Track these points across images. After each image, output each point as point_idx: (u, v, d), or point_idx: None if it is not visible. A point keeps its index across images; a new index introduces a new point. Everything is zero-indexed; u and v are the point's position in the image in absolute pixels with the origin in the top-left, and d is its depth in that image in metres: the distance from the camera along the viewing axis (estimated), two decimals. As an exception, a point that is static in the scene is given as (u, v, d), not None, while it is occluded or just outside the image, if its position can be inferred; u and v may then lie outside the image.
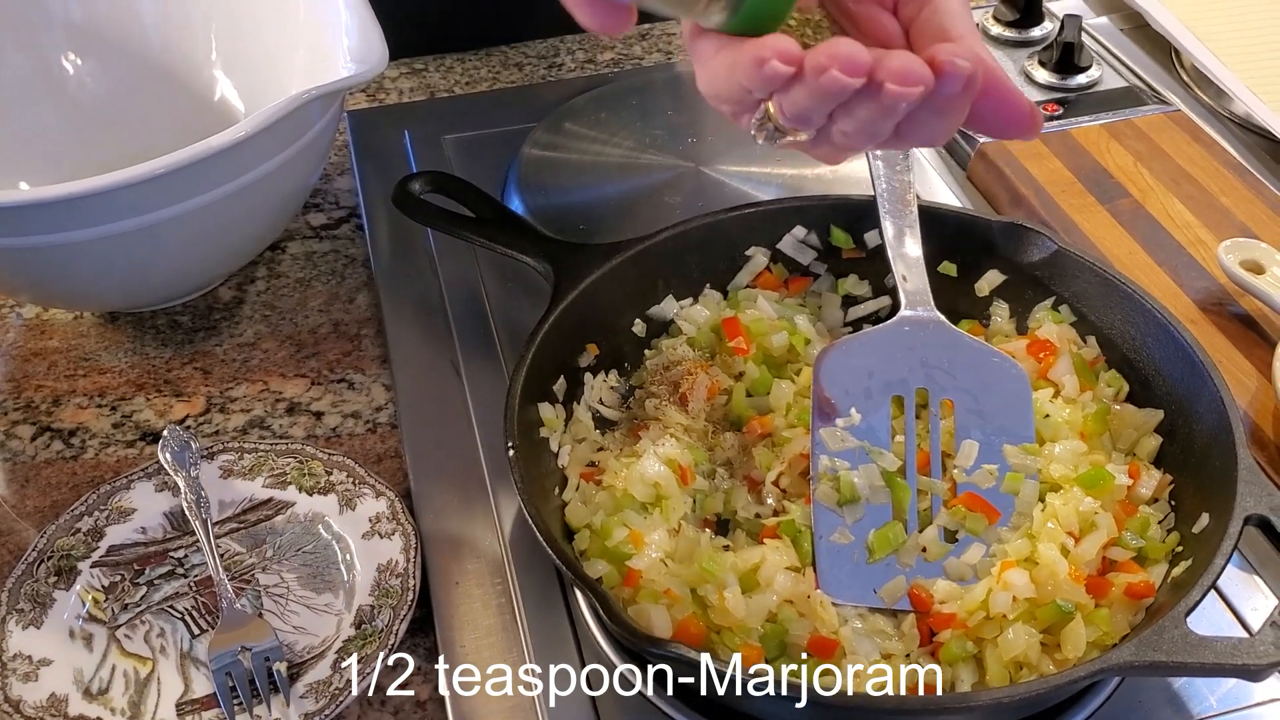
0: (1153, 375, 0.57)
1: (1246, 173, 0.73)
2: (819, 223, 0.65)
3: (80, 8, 0.72)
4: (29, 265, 0.62)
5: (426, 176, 0.68)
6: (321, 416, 0.65)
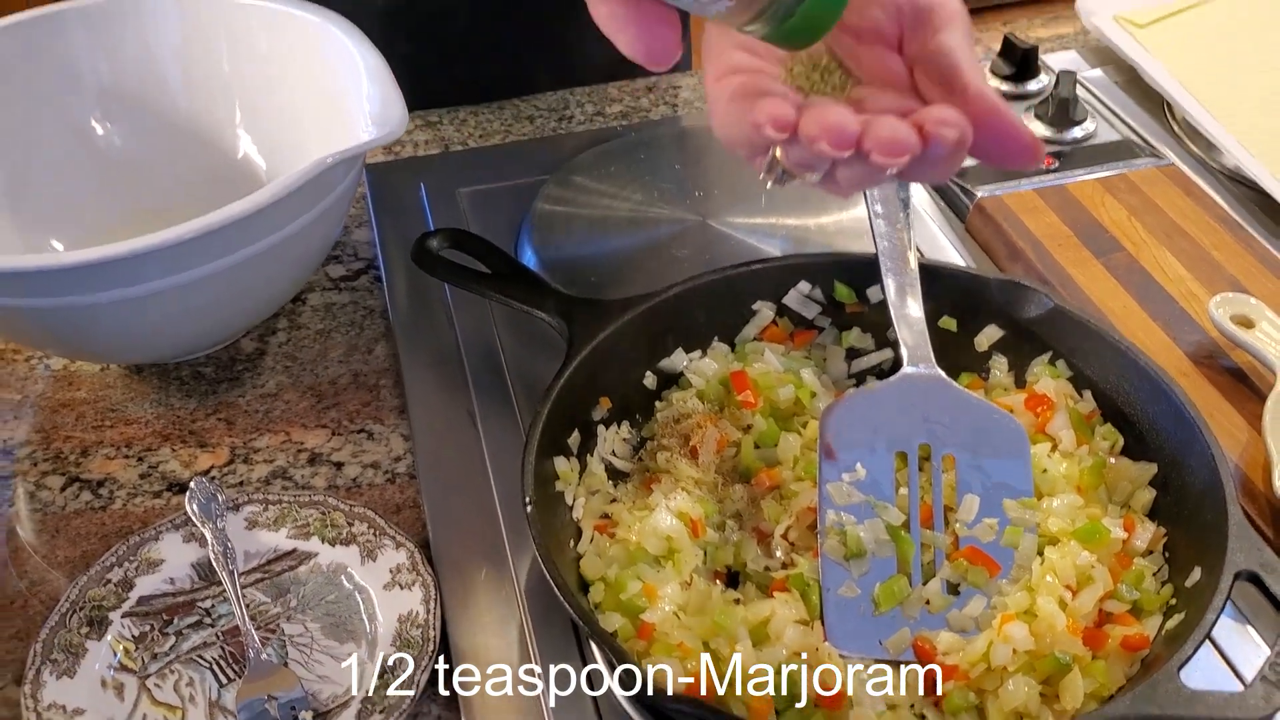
0: (1146, 429, 0.59)
1: (1237, 226, 0.75)
2: (823, 278, 0.67)
3: (110, 72, 0.75)
4: (59, 323, 0.64)
5: (444, 234, 0.71)
6: (342, 467, 0.67)
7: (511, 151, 0.90)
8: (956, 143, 0.42)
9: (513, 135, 0.92)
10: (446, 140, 0.92)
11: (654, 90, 0.96)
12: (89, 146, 0.76)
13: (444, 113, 0.94)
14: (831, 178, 0.44)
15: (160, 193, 0.77)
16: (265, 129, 0.77)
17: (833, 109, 0.42)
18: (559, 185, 0.83)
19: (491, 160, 0.89)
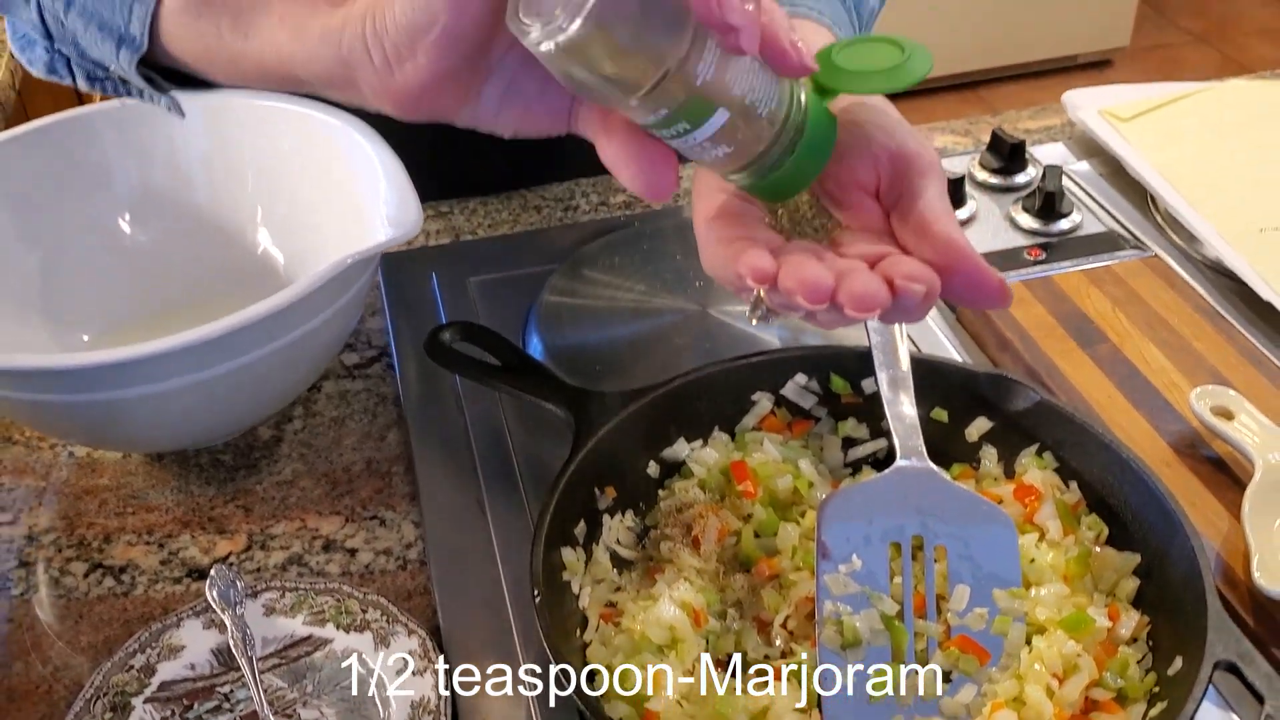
0: (1130, 520, 0.61)
1: (1218, 317, 0.78)
2: (819, 370, 0.70)
3: (139, 174, 0.78)
4: (85, 417, 0.66)
5: (455, 327, 0.74)
6: (355, 553, 0.70)
7: (519, 241, 0.94)
8: (925, 296, 0.45)
9: (520, 225, 0.95)
10: (457, 229, 0.95)
11: (656, 181, 1.00)
12: (116, 243, 0.79)
13: (455, 203, 0.98)
14: (812, 318, 0.48)
15: (183, 287, 0.80)
16: (285, 226, 0.80)
17: (809, 264, 0.45)
18: (565, 276, 0.86)
19: (500, 250, 0.92)
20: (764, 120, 0.46)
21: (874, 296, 0.44)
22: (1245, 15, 3.46)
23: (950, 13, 2.99)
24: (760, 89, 0.45)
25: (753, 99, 0.45)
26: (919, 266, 0.46)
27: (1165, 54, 3.31)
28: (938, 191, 0.50)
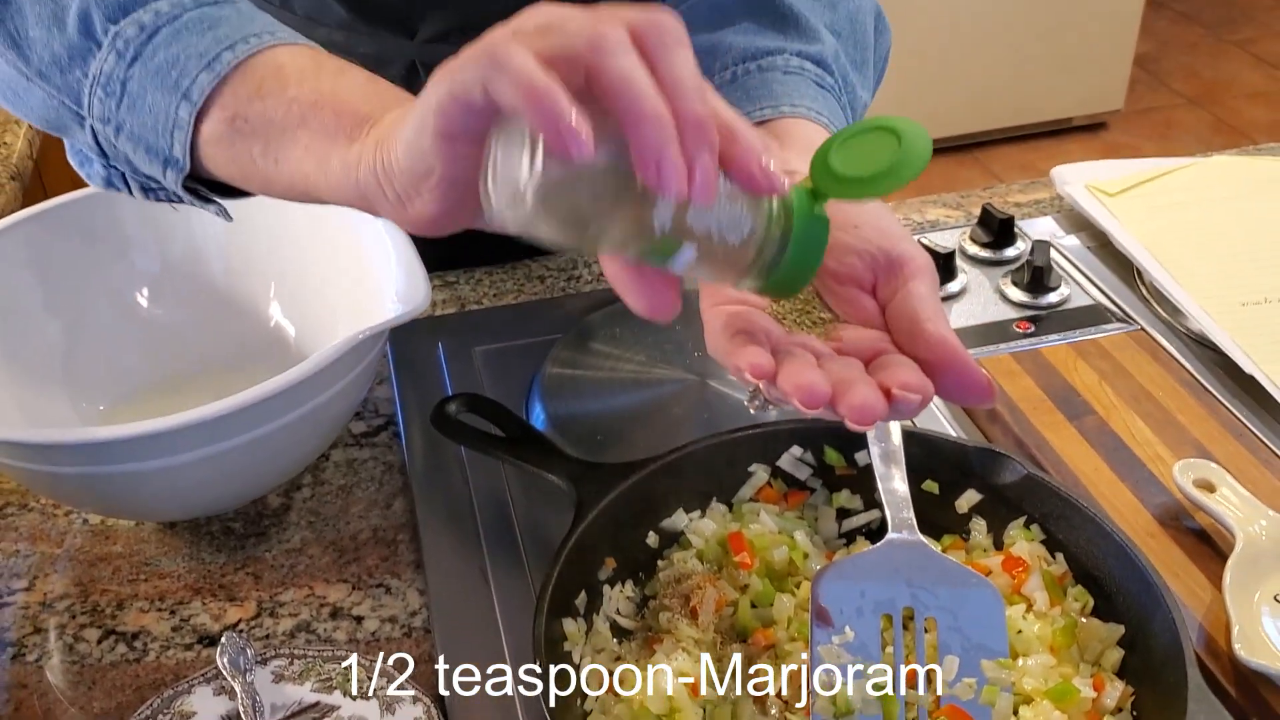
0: (1114, 591, 0.63)
1: (1202, 391, 0.80)
2: (814, 443, 0.72)
3: (158, 250, 0.82)
4: (99, 487, 0.69)
5: (461, 398, 0.76)
6: (362, 621, 0.71)
7: (524, 311, 0.96)
8: (919, 405, 0.48)
9: (524, 294, 0.98)
10: (463, 299, 0.98)
11: (656, 252, 1.02)
12: (134, 316, 0.82)
13: (461, 273, 1.00)
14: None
15: (197, 358, 0.83)
16: (297, 301, 0.83)
17: (807, 370, 0.47)
18: (567, 347, 0.88)
19: (505, 320, 0.95)
20: (739, 240, 0.46)
21: (872, 409, 0.47)
22: (1237, 79, 3.51)
23: (947, 76, 3.04)
24: (728, 218, 0.46)
25: (721, 229, 0.45)
26: (914, 375, 0.48)
27: (1159, 116, 3.36)
28: (929, 291, 0.53)
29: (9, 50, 0.62)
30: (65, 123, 0.62)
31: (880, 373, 0.49)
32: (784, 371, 0.48)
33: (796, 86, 0.66)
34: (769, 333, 0.53)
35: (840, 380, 0.48)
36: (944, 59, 3.03)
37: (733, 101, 0.64)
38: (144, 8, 0.58)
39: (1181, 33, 3.76)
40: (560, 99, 0.41)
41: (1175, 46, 3.69)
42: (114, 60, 0.58)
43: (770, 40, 0.69)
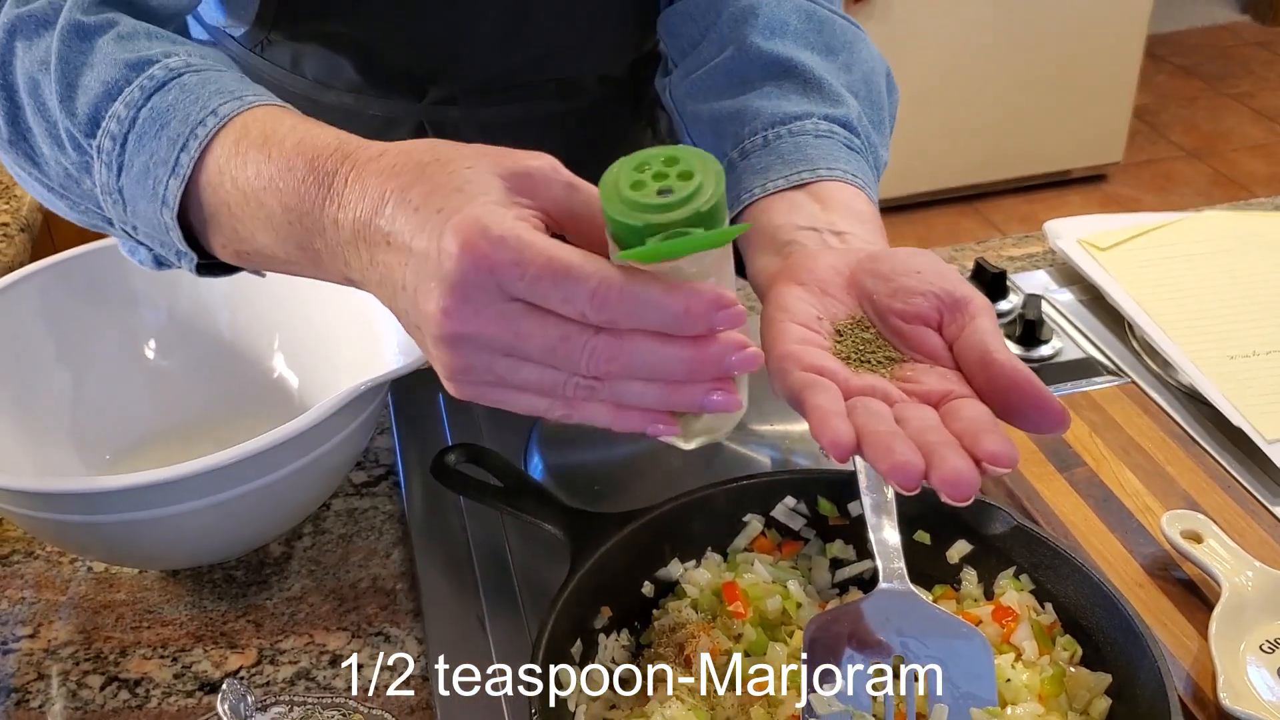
0: (1102, 641, 0.64)
1: (1190, 443, 0.81)
2: (807, 493, 0.73)
3: (166, 307, 0.83)
4: (104, 536, 0.70)
5: (460, 449, 0.77)
6: (361, 669, 0.72)
7: (523, 363, 0.97)
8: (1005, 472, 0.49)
9: (524, 346, 1.00)
10: (463, 351, 0.99)
11: (655, 304, 1.04)
12: (141, 367, 0.84)
13: (461, 325, 1.02)
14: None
15: (202, 408, 0.84)
16: (300, 352, 0.84)
17: (895, 441, 0.49)
18: (566, 398, 0.89)
19: (505, 371, 0.96)
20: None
21: (968, 483, 0.48)
22: (1235, 131, 3.55)
23: (948, 128, 3.08)
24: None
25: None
26: (1000, 442, 0.49)
27: (1158, 169, 3.39)
28: (993, 327, 0.55)
29: (32, 168, 0.65)
30: (98, 224, 0.65)
31: (956, 424, 0.51)
32: (870, 445, 0.50)
33: (830, 150, 0.67)
34: (837, 376, 0.55)
35: (928, 445, 0.49)
36: (944, 111, 3.07)
37: (768, 165, 0.66)
38: (108, 116, 0.60)
39: (1180, 86, 3.80)
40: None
41: (1174, 99, 3.73)
42: (105, 172, 0.60)
43: (796, 105, 0.70)
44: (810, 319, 0.58)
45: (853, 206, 0.64)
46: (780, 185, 0.65)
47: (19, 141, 0.64)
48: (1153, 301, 0.95)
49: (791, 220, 0.64)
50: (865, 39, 0.82)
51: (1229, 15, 4.24)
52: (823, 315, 0.59)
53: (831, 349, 0.57)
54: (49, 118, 0.62)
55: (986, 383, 0.53)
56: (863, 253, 0.60)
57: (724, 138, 0.71)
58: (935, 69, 3.00)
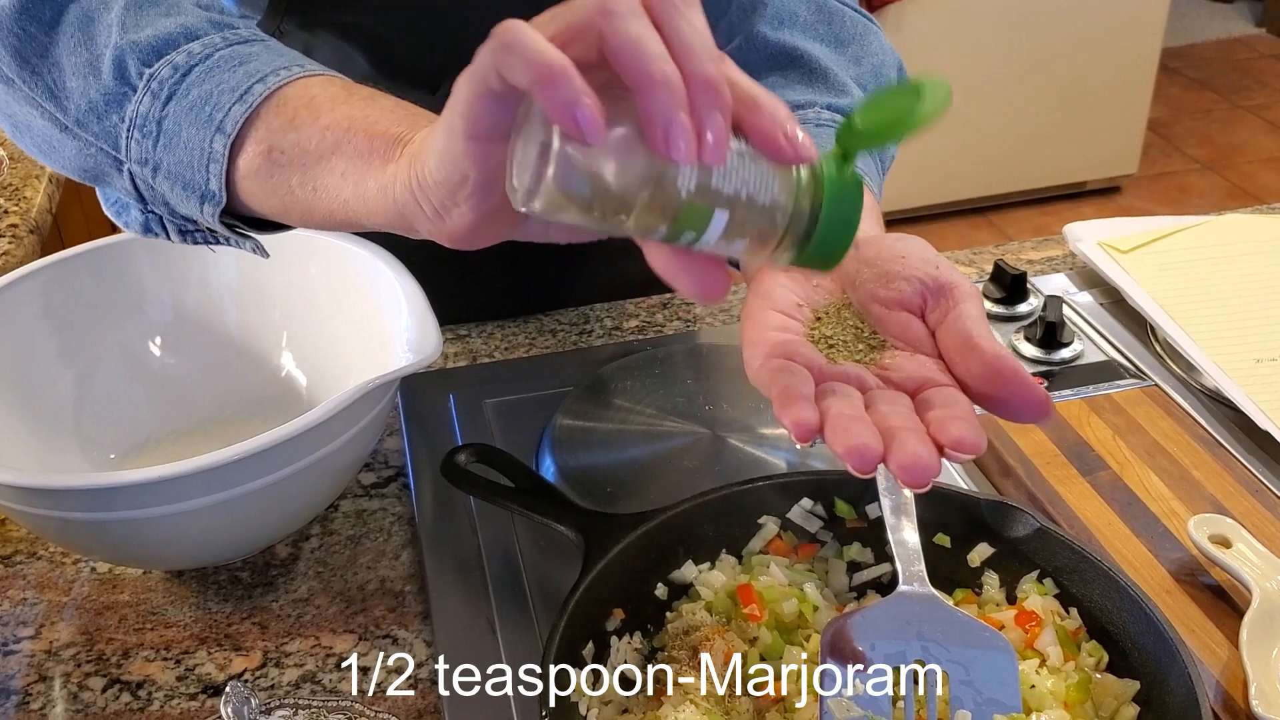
0: (1129, 647, 0.62)
1: (1216, 446, 0.80)
2: (824, 495, 0.72)
3: (172, 305, 0.82)
4: (107, 534, 0.69)
5: (471, 449, 0.76)
6: (368, 672, 0.71)
7: (535, 364, 0.96)
8: (973, 452, 0.47)
9: (536, 348, 0.98)
10: (474, 352, 0.98)
11: (668, 307, 1.03)
12: (146, 365, 0.83)
13: (473, 326, 1.01)
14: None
15: (209, 407, 0.83)
16: (308, 351, 0.83)
17: (856, 425, 0.47)
18: (578, 399, 0.88)
19: (516, 373, 0.95)
20: (770, 206, 0.46)
21: (925, 468, 0.46)
22: (1250, 144, 3.53)
23: (962, 140, 3.06)
24: (755, 180, 0.45)
25: (750, 191, 0.45)
26: (967, 427, 0.48)
27: (1172, 181, 3.37)
28: (978, 313, 0.53)
29: (48, 102, 0.63)
30: (103, 169, 0.63)
31: (929, 412, 0.49)
32: (831, 427, 0.48)
33: (829, 139, 0.66)
34: (812, 363, 0.53)
35: (889, 430, 0.47)
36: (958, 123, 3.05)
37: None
38: (177, 49, 0.60)
39: (1195, 98, 3.79)
40: (569, 78, 0.41)
41: (1188, 112, 3.71)
42: (149, 101, 0.59)
43: (799, 94, 0.69)
44: (790, 306, 0.57)
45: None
46: None
47: (43, 74, 0.63)
48: (1175, 304, 0.93)
49: None
50: (877, 32, 0.80)
51: (1243, 28, 4.22)
52: (804, 302, 0.57)
53: (809, 336, 0.56)
54: (94, 48, 0.61)
55: (967, 370, 0.51)
56: None
57: None
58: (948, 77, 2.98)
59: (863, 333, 0.56)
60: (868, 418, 0.49)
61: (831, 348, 0.55)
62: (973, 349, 0.51)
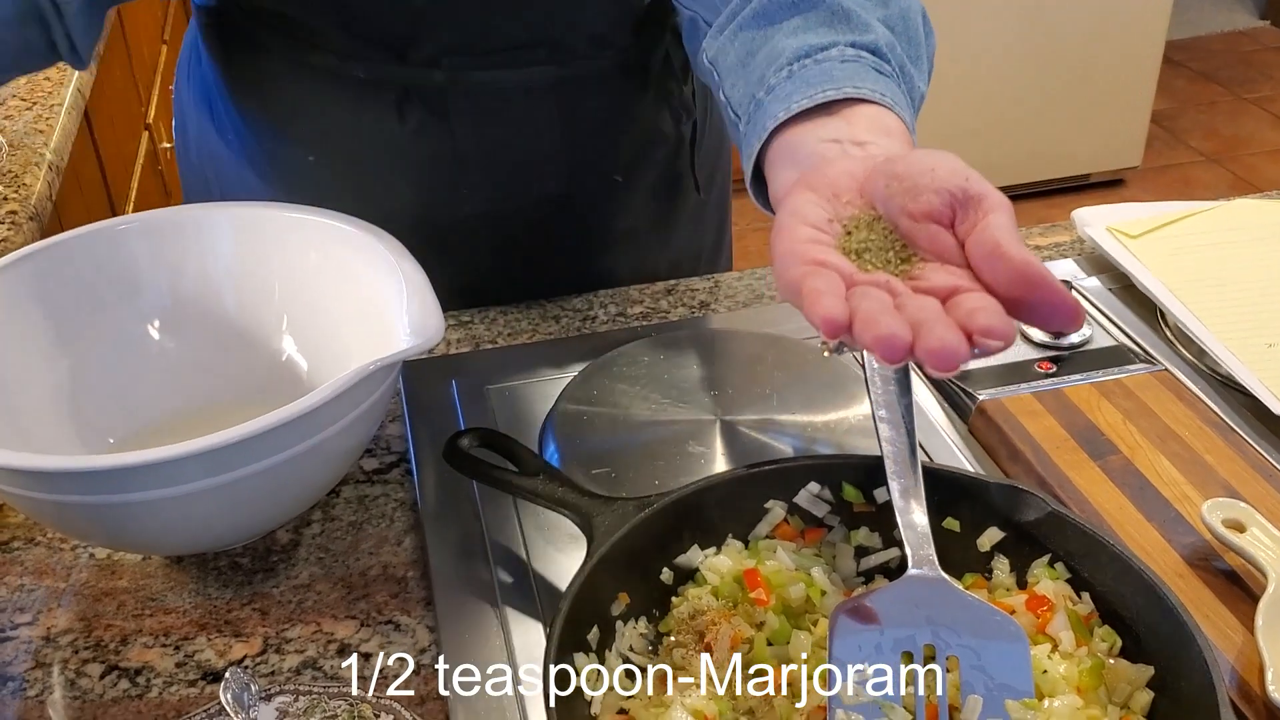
0: (1143, 632, 0.61)
1: (1229, 431, 0.79)
2: (831, 479, 0.71)
3: (168, 284, 0.81)
4: (105, 518, 0.68)
5: (474, 433, 0.75)
6: (370, 658, 0.70)
7: (538, 350, 0.95)
8: (1000, 349, 0.46)
9: (539, 334, 0.97)
10: (477, 338, 0.97)
11: (673, 293, 1.02)
12: (143, 349, 0.82)
13: (476, 312, 1.00)
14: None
15: (207, 391, 0.82)
16: (309, 334, 0.82)
17: (884, 318, 0.47)
18: (582, 384, 0.87)
19: (519, 358, 0.94)
20: None
21: (953, 352, 0.46)
22: (1255, 136, 3.51)
23: (966, 132, 3.05)
24: None
25: None
26: (996, 317, 0.47)
27: (1176, 173, 3.36)
28: (1009, 223, 0.52)
29: None
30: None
31: (958, 311, 0.48)
32: (860, 320, 0.47)
33: (856, 73, 0.64)
34: (842, 270, 0.52)
35: (918, 322, 0.46)
36: (963, 115, 3.04)
37: (793, 90, 0.64)
38: None
39: (1199, 90, 3.77)
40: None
41: (1193, 104, 3.69)
42: None
43: (822, 37, 0.68)
44: (821, 221, 0.56)
45: (879, 121, 0.62)
46: (803, 104, 0.62)
47: None
48: (1186, 289, 0.92)
49: (814, 135, 0.62)
50: None
51: (1248, 20, 4.20)
52: (834, 219, 0.56)
53: (840, 248, 0.55)
54: None
55: (996, 277, 0.50)
56: (880, 157, 0.58)
57: (752, 83, 0.68)
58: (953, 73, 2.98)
59: (893, 244, 0.55)
60: (896, 313, 0.49)
61: (860, 257, 0.54)
62: (1000, 256, 0.50)
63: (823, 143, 0.61)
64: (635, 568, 0.66)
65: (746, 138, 0.66)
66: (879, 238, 0.55)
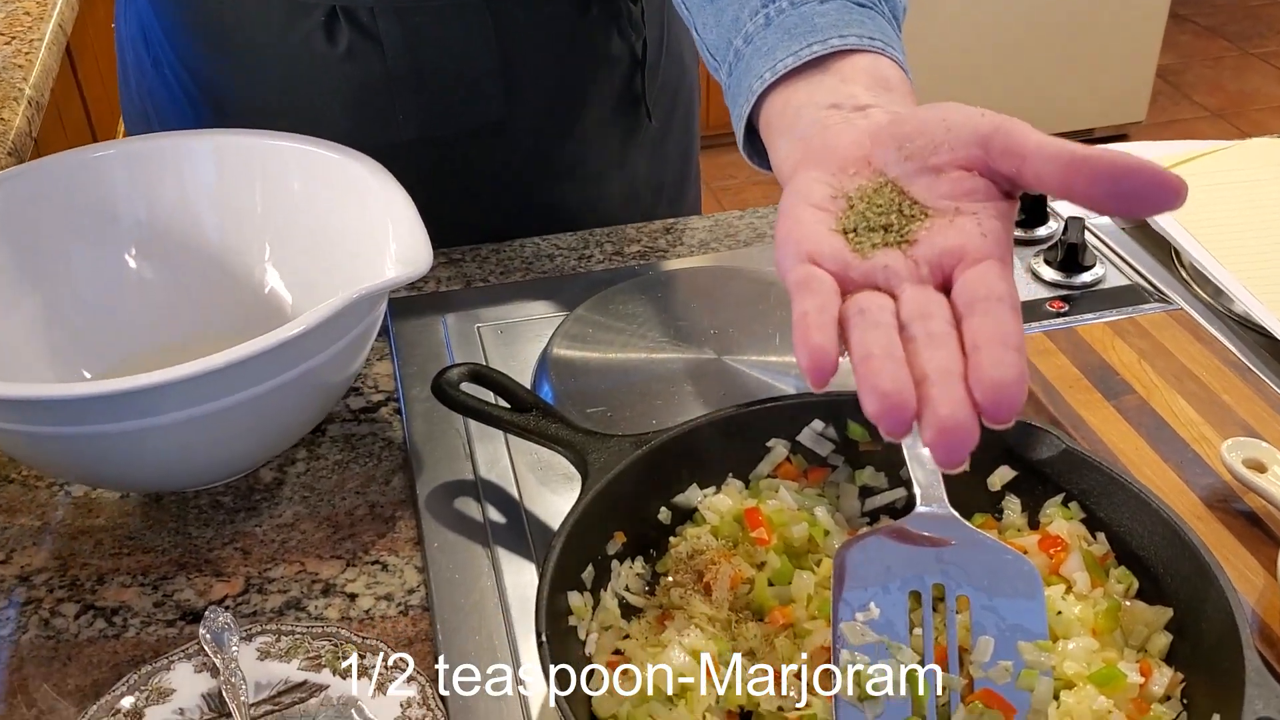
0: (1161, 573, 0.59)
1: (1247, 371, 0.76)
2: (836, 417, 0.68)
3: (147, 211, 0.78)
4: (81, 451, 0.65)
5: (463, 368, 0.72)
6: (355, 598, 0.67)
7: (531, 288, 0.92)
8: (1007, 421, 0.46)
9: (533, 273, 0.94)
10: (468, 276, 0.94)
11: (671, 231, 0.99)
12: (122, 280, 0.78)
13: (467, 249, 0.97)
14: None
15: (188, 324, 0.79)
16: (293, 264, 0.79)
17: (888, 370, 0.46)
18: (577, 322, 0.84)
19: (512, 296, 0.91)
20: None
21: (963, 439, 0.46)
22: (1260, 92, 3.47)
23: (969, 88, 3.01)
24: None
25: None
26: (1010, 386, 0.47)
27: (1181, 129, 3.31)
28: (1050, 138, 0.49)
29: None
30: None
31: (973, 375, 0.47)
32: (861, 372, 0.47)
33: (838, 16, 0.61)
34: (839, 262, 0.51)
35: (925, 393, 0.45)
36: (966, 70, 2.99)
37: (775, 43, 0.60)
38: None
39: (1205, 45, 3.72)
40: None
41: (1198, 59, 3.64)
42: None
43: None
44: (824, 200, 0.53)
45: (875, 73, 0.58)
46: (790, 64, 0.59)
47: None
48: (1202, 228, 0.89)
49: (812, 99, 0.58)
50: None
51: (1255, -25, 4.14)
52: (837, 194, 0.54)
53: (840, 225, 0.52)
54: None
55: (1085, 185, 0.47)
56: (885, 119, 0.55)
57: (725, 25, 0.64)
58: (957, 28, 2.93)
59: (896, 203, 0.52)
60: (899, 354, 0.47)
61: (861, 232, 0.51)
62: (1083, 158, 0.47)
63: (822, 110, 0.57)
64: (632, 506, 0.64)
65: (733, 95, 0.63)
66: (883, 203, 0.52)
